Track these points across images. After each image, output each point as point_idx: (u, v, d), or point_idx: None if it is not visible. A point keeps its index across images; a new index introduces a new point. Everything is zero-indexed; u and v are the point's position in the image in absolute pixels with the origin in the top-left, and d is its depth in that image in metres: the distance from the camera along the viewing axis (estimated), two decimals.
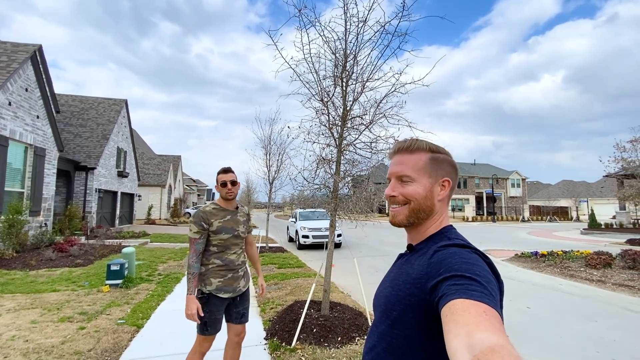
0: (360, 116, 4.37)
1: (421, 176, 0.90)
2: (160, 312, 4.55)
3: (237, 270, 2.37)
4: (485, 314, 0.57)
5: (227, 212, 2.39)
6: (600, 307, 5.26)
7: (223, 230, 2.32)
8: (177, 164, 34.55)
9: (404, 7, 3.92)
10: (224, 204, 2.41)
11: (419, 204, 0.89)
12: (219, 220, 2.33)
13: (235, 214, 2.42)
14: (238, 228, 2.40)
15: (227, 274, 2.32)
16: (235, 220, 2.40)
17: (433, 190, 0.89)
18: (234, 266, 2.36)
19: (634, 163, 13.70)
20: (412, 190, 0.89)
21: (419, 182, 0.89)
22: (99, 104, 18.62)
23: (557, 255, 9.16)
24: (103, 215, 17.03)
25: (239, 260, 2.40)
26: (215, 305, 2.27)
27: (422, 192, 0.89)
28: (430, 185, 0.90)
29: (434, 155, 0.91)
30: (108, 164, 17.02)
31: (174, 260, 8.47)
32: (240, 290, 2.38)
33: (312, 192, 4.23)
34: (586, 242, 14.23)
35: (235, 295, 2.35)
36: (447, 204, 0.94)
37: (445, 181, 0.90)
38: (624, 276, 6.97)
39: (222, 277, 2.30)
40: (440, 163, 0.91)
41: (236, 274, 2.36)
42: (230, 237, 2.35)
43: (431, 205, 0.89)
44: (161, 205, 28.07)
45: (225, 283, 2.31)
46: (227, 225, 2.35)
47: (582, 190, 47.58)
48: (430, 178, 0.90)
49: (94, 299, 5.00)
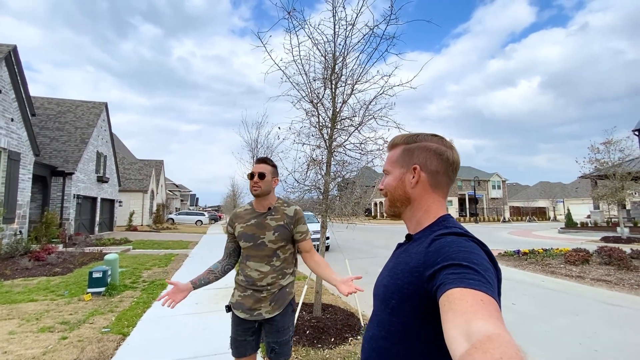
0: (350, 118, 4.41)
1: (394, 168, 0.94)
2: (147, 319, 4.41)
3: (260, 290, 1.86)
4: (483, 302, 0.57)
5: (254, 214, 1.94)
6: (581, 301, 5.46)
7: (242, 236, 1.91)
8: (160, 168, 33.77)
9: (391, 11, 4.01)
10: (255, 204, 1.97)
11: (391, 194, 0.94)
12: (242, 224, 1.93)
13: (264, 216, 1.91)
14: (263, 235, 1.88)
15: (247, 290, 1.89)
16: (261, 224, 1.89)
17: (404, 179, 0.91)
18: (255, 286, 1.87)
19: (607, 164, 14.37)
20: (386, 182, 0.95)
21: (392, 174, 0.95)
22: (77, 107, 18.00)
23: (538, 253, 9.46)
24: (82, 222, 16.41)
25: (262, 281, 1.86)
26: (234, 324, 1.92)
27: (392, 183, 0.93)
28: (401, 174, 0.92)
29: (407, 146, 0.94)
30: (87, 169, 16.45)
31: (159, 267, 8.24)
32: (260, 315, 1.85)
33: (303, 194, 4.22)
34: (564, 241, 14.77)
35: (254, 319, 1.86)
36: (433, 190, 0.89)
37: (414, 167, 0.90)
38: (601, 271, 7.26)
39: (242, 291, 1.91)
40: (412, 151, 0.92)
41: (259, 293, 1.86)
42: (250, 246, 1.89)
43: (403, 193, 0.91)
44: (143, 211, 27.31)
45: (244, 300, 1.88)
46: (248, 231, 1.90)
47: (559, 191, 49.51)
48: (402, 168, 0.93)
49: (76, 307, 4.79)
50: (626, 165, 14.44)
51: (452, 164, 0.90)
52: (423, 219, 0.90)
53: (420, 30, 75.49)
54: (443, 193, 0.91)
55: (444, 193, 0.91)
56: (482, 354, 0.47)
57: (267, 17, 45.92)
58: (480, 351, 0.48)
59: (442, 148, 0.90)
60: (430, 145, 0.91)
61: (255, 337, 1.90)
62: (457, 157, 0.92)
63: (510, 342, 0.49)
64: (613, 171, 13.93)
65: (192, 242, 14.64)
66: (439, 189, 0.90)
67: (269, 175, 1.92)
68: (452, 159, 0.90)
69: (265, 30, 4.16)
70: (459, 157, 0.93)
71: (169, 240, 15.29)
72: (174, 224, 30.14)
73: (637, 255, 8.00)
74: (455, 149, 0.93)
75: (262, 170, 1.90)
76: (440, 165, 0.89)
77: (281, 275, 1.90)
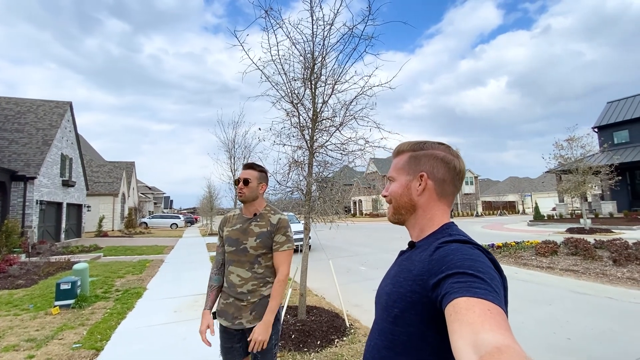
0: (331, 118, 4.38)
1: (400, 175, 0.93)
2: (122, 331, 4.19)
3: (241, 299, 1.83)
4: (490, 312, 0.56)
5: (241, 219, 1.93)
6: (552, 291, 5.74)
7: (227, 240, 1.91)
8: (131, 170, 32.39)
9: (369, 11, 4.01)
10: (243, 209, 1.97)
11: (396, 201, 0.92)
12: (229, 228, 1.93)
13: (250, 222, 1.90)
14: (246, 241, 1.86)
15: (229, 297, 1.86)
16: (245, 230, 1.88)
17: (410, 187, 0.90)
18: (235, 293, 1.83)
19: (570, 160, 15.22)
20: (391, 189, 0.94)
21: (397, 181, 0.93)
22: (39, 106, 16.88)
23: (511, 246, 9.88)
24: (46, 230, 15.42)
25: (243, 287, 1.83)
26: (220, 330, 1.90)
27: (398, 190, 0.92)
28: (407, 182, 0.91)
29: (414, 153, 0.92)
30: (51, 173, 15.48)
31: (133, 274, 7.88)
32: (241, 324, 1.81)
33: (285, 196, 4.15)
34: (533, 233, 15.52)
35: (235, 328, 1.82)
36: (439, 198, 0.88)
37: (420, 175, 0.89)
38: (569, 262, 7.68)
39: (225, 299, 1.88)
40: (419, 159, 0.91)
41: (240, 302, 1.83)
42: (233, 250, 1.87)
43: (408, 201, 0.90)
44: (114, 216, 26.09)
45: (227, 308, 1.85)
46: (232, 235, 1.90)
47: (527, 186, 52.09)
48: (408, 175, 0.91)
49: (42, 322, 4.48)
50: (587, 160, 15.36)
51: (458, 173, 0.90)
52: (427, 227, 0.88)
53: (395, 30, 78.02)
54: (448, 202, 0.90)
55: (449, 202, 0.91)
56: None
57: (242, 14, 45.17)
58: None
59: (449, 157, 0.90)
60: (437, 153, 0.90)
61: (242, 344, 1.87)
62: (463, 166, 0.91)
63: (520, 354, 0.48)
64: (575, 166, 14.77)
65: (167, 246, 14.14)
66: (444, 197, 0.89)
67: (255, 181, 1.91)
68: (459, 168, 0.90)
69: (241, 29, 4.05)
70: (465, 166, 0.93)
71: (143, 245, 14.69)
72: (148, 228, 28.99)
73: (601, 245, 8.52)
74: (461, 158, 0.92)
75: (247, 177, 1.90)
76: (447, 173, 0.89)
77: (263, 284, 1.85)
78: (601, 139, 22.76)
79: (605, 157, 19.75)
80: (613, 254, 7.37)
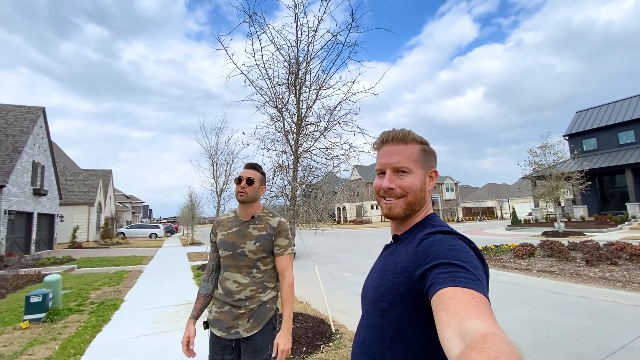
0: (315, 123, 4.41)
1: (417, 168, 0.90)
2: (98, 345, 3.98)
3: (238, 306, 1.71)
4: (474, 300, 0.58)
5: (237, 222, 1.84)
6: (531, 292, 5.91)
7: (222, 245, 1.80)
8: (108, 179, 31.30)
9: (352, 18, 4.09)
10: (239, 211, 1.87)
11: (415, 196, 0.88)
12: (224, 231, 1.83)
13: (247, 225, 1.81)
14: (244, 245, 1.76)
15: (224, 305, 1.74)
16: (242, 233, 1.79)
17: (425, 182, 0.91)
18: (232, 299, 1.72)
19: (543, 166, 15.88)
20: (410, 182, 0.88)
21: (415, 174, 0.89)
22: (9, 112, 16.15)
23: (491, 249, 10.13)
24: (15, 241, 14.61)
25: (241, 293, 1.72)
26: (211, 341, 1.76)
27: (419, 185, 0.89)
28: (424, 176, 0.91)
29: (424, 146, 0.93)
30: (21, 181, 14.75)
31: (110, 286, 7.55)
32: (238, 333, 1.69)
33: (270, 201, 4.12)
34: (511, 237, 16.00)
35: (231, 337, 1.70)
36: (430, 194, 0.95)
37: (433, 172, 0.93)
38: (545, 263, 7.95)
39: (219, 307, 1.76)
40: (429, 154, 0.93)
41: (237, 309, 1.71)
42: (229, 255, 1.76)
43: (424, 196, 0.90)
44: (89, 226, 25.01)
45: (221, 316, 1.73)
46: (228, 239, 1.79)
47: (504, 192, 53.85)
48: (422, 169, 0.91)
49: (10, 338, 4.21)
50: (560, 166, 16.08)
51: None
52: (417, 220, 0.91)
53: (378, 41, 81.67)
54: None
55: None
56: (479, 354, 0.47)
57: (225, 22, 45.08)
58: (476, 351, 0.47)
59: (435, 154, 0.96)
60: (434, 150, 0.96)
61: (234, 356, 1.75)
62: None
63: (506, 340, 0.49)
64: (549, 172, 15.42)
65: (146, 256, 13.66)
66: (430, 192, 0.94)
67: (257, 182, 1.85)
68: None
69: (225, 34, 4.04)
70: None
71: (120, 256, 14.13)
72: (125, 238, 27.92)
73: (574, 247, 8.89)
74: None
75: (251, 176, 1.83)
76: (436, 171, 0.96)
77: (262, 289, 1.76)
78: (572, 146, 23.92)
79: (576, 163, 20.72)
80: (586, 255, 7.70)
